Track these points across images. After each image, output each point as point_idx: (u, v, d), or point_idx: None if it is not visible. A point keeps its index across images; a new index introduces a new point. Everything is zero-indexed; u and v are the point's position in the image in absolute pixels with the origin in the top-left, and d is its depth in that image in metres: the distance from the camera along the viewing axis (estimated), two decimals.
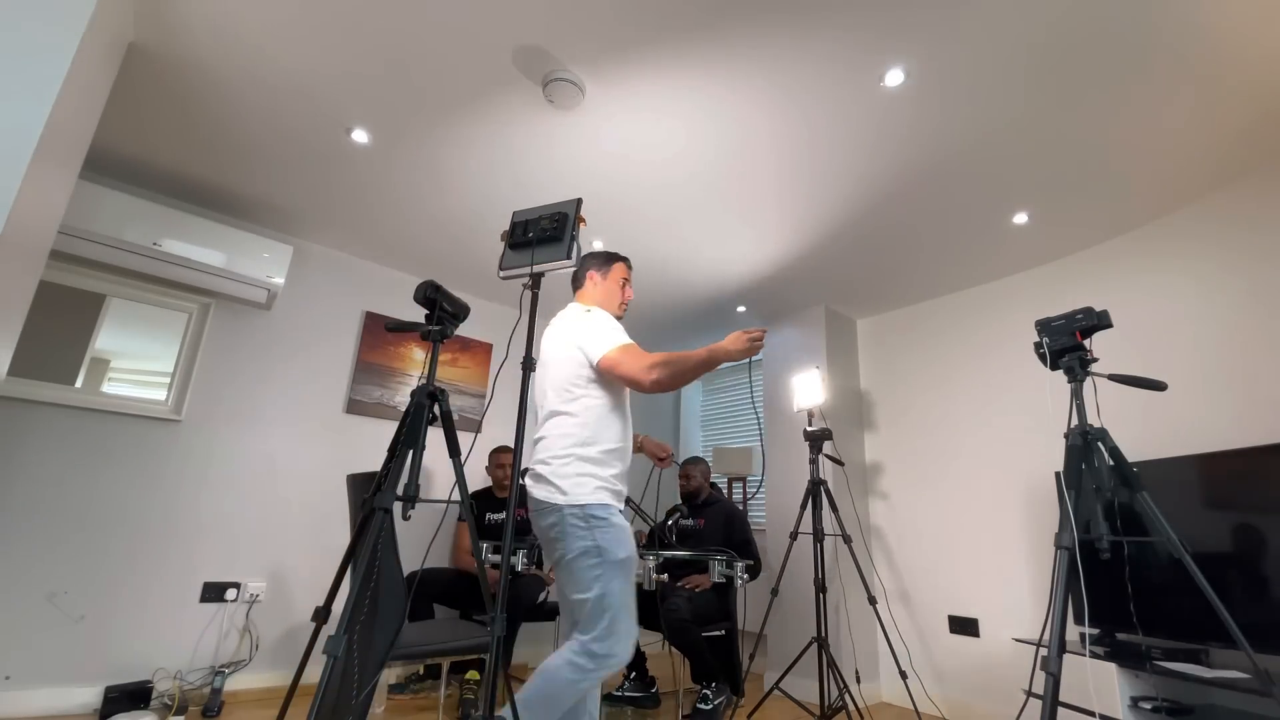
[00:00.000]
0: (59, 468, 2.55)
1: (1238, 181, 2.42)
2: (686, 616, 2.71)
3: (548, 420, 1.72)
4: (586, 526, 1.57)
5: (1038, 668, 1.53)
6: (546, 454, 1.66)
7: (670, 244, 3.16)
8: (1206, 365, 2.45)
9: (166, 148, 2.58)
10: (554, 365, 1.76)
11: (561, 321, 1.84)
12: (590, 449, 1.66)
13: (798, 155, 2.40)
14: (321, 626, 1.68)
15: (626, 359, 1.66)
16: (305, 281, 3.33)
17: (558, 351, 1.77)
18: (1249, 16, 1.71)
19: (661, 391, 1.76)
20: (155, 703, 2.53)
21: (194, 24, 1.92)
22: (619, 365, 1.66)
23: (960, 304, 3.49)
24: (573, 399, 1.70)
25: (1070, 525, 1.58)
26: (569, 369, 1.72)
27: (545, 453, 1.67)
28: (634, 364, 1.65)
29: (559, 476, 1.61)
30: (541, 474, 1.65)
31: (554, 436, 1.67)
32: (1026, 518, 2.93)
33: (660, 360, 1.64)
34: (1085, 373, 1.77)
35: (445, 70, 2.05)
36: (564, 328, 1.80)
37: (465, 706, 2.67)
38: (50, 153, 1.59)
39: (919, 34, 1.82)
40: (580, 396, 1.70)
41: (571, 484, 1.61)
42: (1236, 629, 1.43)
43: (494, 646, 1.48)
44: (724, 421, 4.89)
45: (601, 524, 1.59)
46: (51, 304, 2.66)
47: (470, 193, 2.79)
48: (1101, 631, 2.34)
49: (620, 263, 1.99)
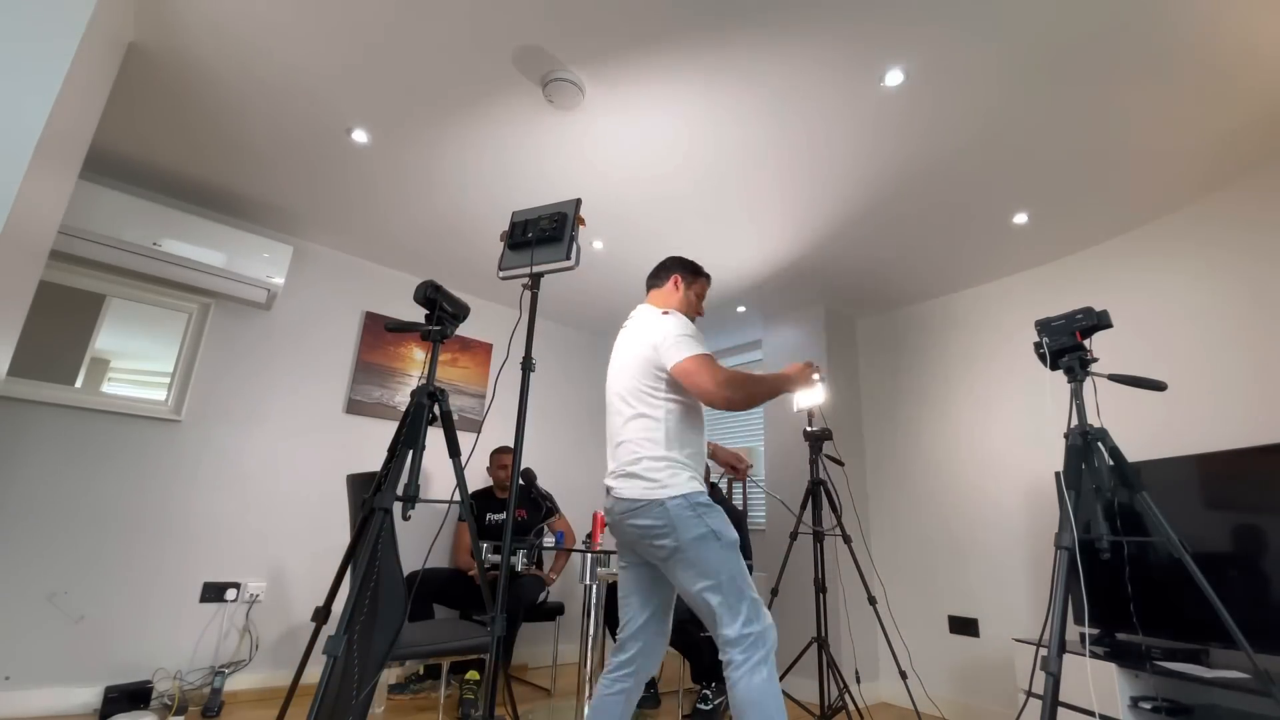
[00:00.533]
0: (59, 468, 2.55)
1: (1238, 181, 2.42)
2: (687, 617, 2.71)
3: (630, 423, 1.68)
4: (696, 514, 1.55)
5: (1038, 668, 1.53)
6: (633, 456, 1.63)
7: (670, 244, 3.16)
8: (1206, 365, 2.45)
9: (166, 148, 2.58)
10: (631, 367, 1.73)
11: (637, 323, 1.80)
12: (676, 451, 1.64)
13: (798, 155, 2.40)
14: (321, 626, 1.68)
15: (702, 371, 1.62)
16: (305, 281, 3.33)
17: (634, 352, 1.73)
18: (1249, 16, 1.70)
19: (732, 410, 1.75)
20: (155, 703, 2.53)
21: (194, 24, 1.92)
22: (692, 375, 1.63)
23: (960, 304, 3.49)
24: (655, 403, 1.67)
25: (1070, 525, 1.58)
26: (648, 370, 1.69)
27: (630, 455, 1.64)
28: (708, 378, 1.61)
29: (653, 472, 1.59)
30: (635, 473, 1.61)
31: (639, 440, 1.64)
32: (1026, 518, 2.93)
33: (735, 379, 1.62)
34: (1085, 373, 1.76)
35: (445, 70, 2.05)
36: (640, 329, 1.76)
37: (465, 706, 2.67)
38: (50, 153, 1.59)
39: (918, 34, 1.82)
40: (662, 401, 1.67)
41: (667, 476, 1.58)
42: (1236, 629, 1.43)
43: (494, 646, 1.48)
44: (724, 421, 4.89)
45: (709, 509, 1.57)
46: (51, 304, 2.66)
47: (470, 193, 2.79)
48: (1101, 631, 2.34)
49: (705, 279, 1.99)
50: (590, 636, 2.31)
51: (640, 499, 1.58)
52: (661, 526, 1.55)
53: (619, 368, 1.78)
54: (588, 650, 2.31)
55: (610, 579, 2.53)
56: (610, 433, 1.77)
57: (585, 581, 2.32)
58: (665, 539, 1.54)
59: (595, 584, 2.33)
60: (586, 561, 2.32)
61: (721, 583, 1.51)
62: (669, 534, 1.54)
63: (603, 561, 2.34)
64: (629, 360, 1.74)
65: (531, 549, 2.83)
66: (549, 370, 4.35)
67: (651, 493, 1.56)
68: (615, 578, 2.47)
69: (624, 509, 1.61)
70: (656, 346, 1.68)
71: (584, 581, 2.33)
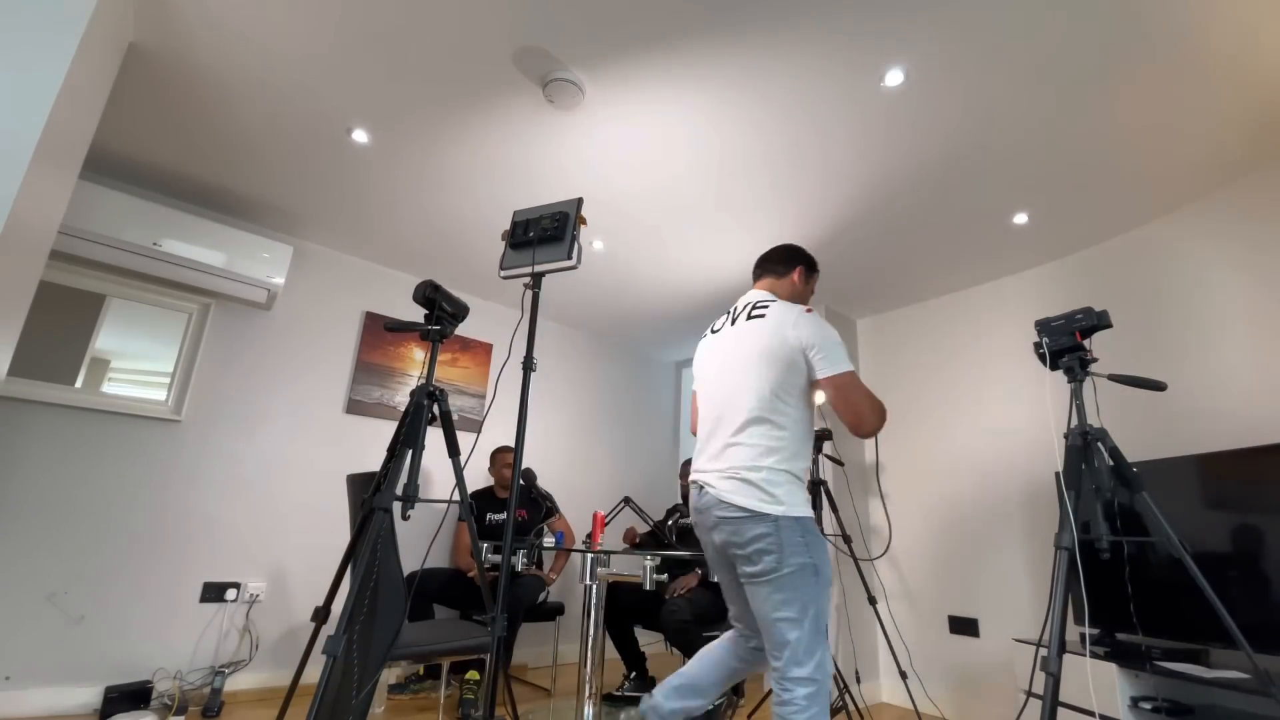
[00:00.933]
0: (59, 468, 2.55)
1: (1238, 181, 2.42)
2: (687, 617, 2.71)
3: (751, 426, 1.53)
4: (804, 542, 1.44)
5: (1038, 668, 1.53)
6: (749, 462, 1.50)
7: (670, 243, 3.16)
8: (1207, 365, 2.45)
9: (166, 148, 2.58)
10: (758, 363, 1.55)
11: (770, 313, 1.60)
12: (796, 465, 1.52)
13: (798, 155, 2.40)
14: (321, 626, 1.68)
15: (857, 389, 1.51)
16: (305, 281, 3.33)
17: (765, 346, 1.56)
18: (1250, 14, 1.70)
19: (861, 438, 1.64)
20: (155, 703, 2.53)
21: (194, 23, 1.92)
22: (846, 392, 1.51)
23: (960, 304, 3.49)
24: (785, 410, 1.53)
25: (1070, 525, 1.58)
26: (783, 373, 1.53)
27: (746, 460, 1.50)
28: (864, 398, 1.51)
29: (772, 484, 1.47)
30: (751, 480, 1.48)
31: (760, 446, 1.50)
32: (1026, 518, 2.93)
33: (883, 408, 1.54)
34: (1085, 373, 1.77)
35: (445, 70, 2.05)
36: (776, 323, 1.57)
37: (465, 706, 2.67)
38: (50, 153, 1.59)
39: (919, 34, 1.82)
40: (790, 407, 1.53)
41: (785, 493, 1.46)
42: (1236, 629, 1.43)
43: (494, 646, 1.48)
44: None
45: (816, 540, 1.47)
46: (51, 304, 2.66)
47: (470, 192, 2.79)
48: (1101, 631, 2.34)
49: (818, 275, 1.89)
50: (590, 636, 2.31)
51: (750, 509, 1.46)
52: (766, 543, 1.44)
53: (738, 359, 1.60)
54: (588, 650, 2.30)
55: (610, 579, 2.53)
56: (710, 427, 1.62)
57: (585, 581, 2.32)
58: (765, 557, 1.44)
59: (595, 584, 2.33)
60: (586, 561, 2.32)
61: (806, 620, 1.42)
62: (770, 554, 1.43)
63: (603, 561, 2.34)
64: (755, 354, 1.57)
65: (531, 549, 2.83)
66: (549, 370, 4.35)
67: (767, 507, 1.45)
68: (615, 578, 2.47)
69: (725, 513, 1.50)
70: (805, 350, 1.53)
71: (584, 581, 2.33)
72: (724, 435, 1.57)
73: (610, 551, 2.39)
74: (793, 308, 1.61)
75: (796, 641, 1.41)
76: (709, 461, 1.59)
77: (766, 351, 1.55)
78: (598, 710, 2.29)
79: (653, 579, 2.24)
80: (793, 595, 1.43)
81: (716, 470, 1.55)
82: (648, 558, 2.23)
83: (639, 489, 4.68)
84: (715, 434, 1.61)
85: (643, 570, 2.21)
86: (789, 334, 1.55)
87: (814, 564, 1.44)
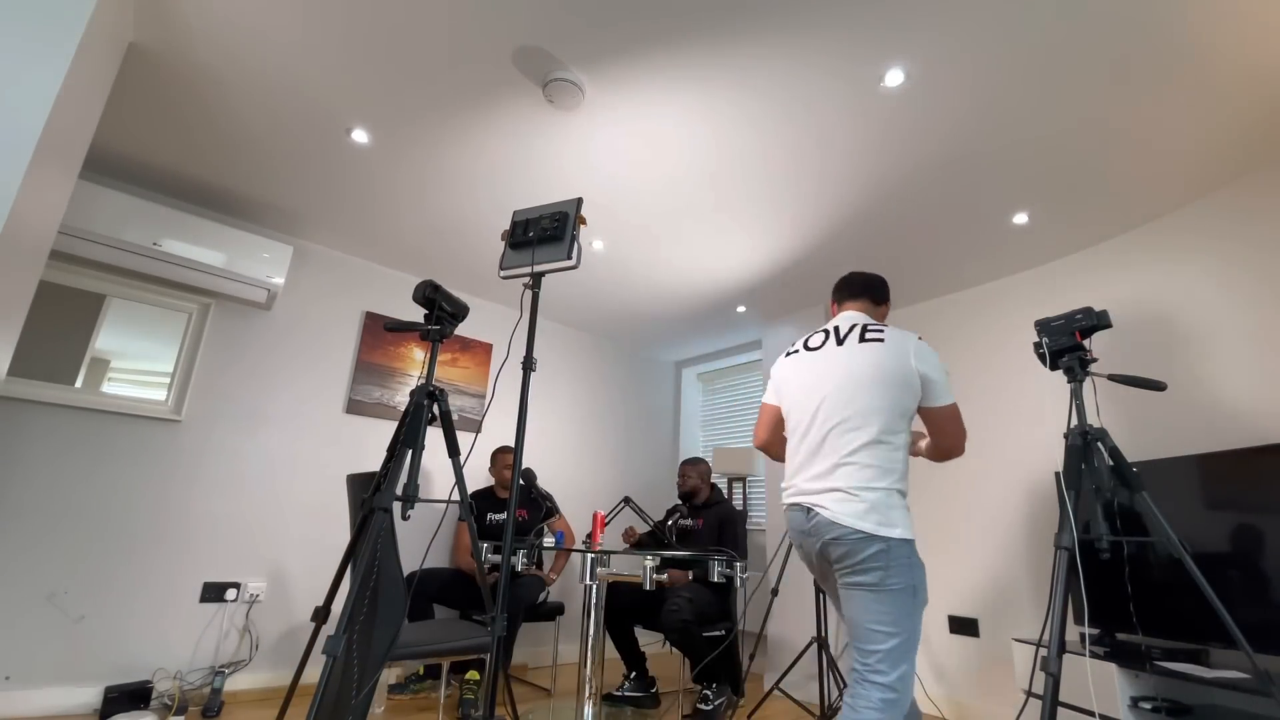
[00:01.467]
0: (58, 468, 2.55)
1: (1239, 180, 2.42)
2: (688, 617, 2.71)
3: (868, 447, 1.55)
4: (910, 565, 1.50)
5: (1038, 668, 1.53)
6: (864, 482, 1.53)
7: (670, 243, 3.16)
8: (1207, 365, 2.45)
9: (166, 148, 2.58)
10: (877, 383, 1.59)
11: (888, 337, 1.65)
12: (904, 485, 1.58)
13: (798, 155, 2.40)
14: (321, 626, 1.68)
15: (959, 419, 1.65)
16: (305, 281, 3.33)
17: (886, 368, 1.60)
18: (1249, 14, 1.70)
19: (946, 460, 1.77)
20: (155, 703, 2.53)
21: (194, 24, 1.92)
22: (954, 422, 1.64)
23: (960, 304, 3.49)
24: (898, 432, 1.57)
25: (1070, 525, 1.58)
26: (900, 397, 1.58)
27: (859, 480, 1.53)
28: (962, 428, 1.66)
29: (890, 507, 1.51)
30: (866, 500, 1.51)
31: (874, 467, 1.54)
32: (1026, 518, 2.93)
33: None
34: (1085, 373, 1.77)
35: (445, 70, 2.05)
36: (900, 349, 1.62)
37: (465, 706, 2.67)
38: (50, 153, 1.59)
39: (919, 34, 1.82)
40: (902, 431, 1.58)
41: (899, 516, 1.52)
42: (1236, 629, 1.43)
43: (494, 646, 1.48)
44: (724, 421, 4.89)
45: (919, 563, 1.53)
46: (51, 304, 2.66)
47: (470, 193, 2.79)
48: (1101, 631, 2.34)
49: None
50: (590, 636, 2.31)
51: (862, 530, 1.49)
52: (876, 561, 1.48)
53: (854, 379, 1.62)
54: (588, 650, 2.31)
55: (610, 579, 2.53)
56: (813, 444, 1.63)
57: (585, 581, 2.32)
58: (873, 571, 1.49)
59: (595, 584, 2.33)
60: (586, 561, 2.32)
61: (900, 636, 1.47)
62: (879, 570, 1.48)
63: (603, 561, 2.34)
64: (879, 376, 1.59)
65: (531, 549, 2.83)
66: (549, 370, 4.35)
67: (882, 529, 1.48)
68: (615, 578, 2.47)
69: (836, 533, 1.52)
70: (924, 377, 1.59)
71: (584, 581, 2.33)
72: (835, 454, 1.58)
73: (610, 551, 2.39)
74: (909, 335, 1.66)
75: (886, 652, 1.46)
76: (815, 481, 1.60)
77: (889, 375, 1.59)
78: (598, 710, 2.29)
79: (653, 579, 2.24)
80: (892, 609, 1.48)
81: (828, 490, 1.56)
82: (648, 558, 2.23)
83: (639, 489, 4.68)
84: (822, 452, 1.61)
85: (643, 570, 2.21)
86: (911, 361, 1.60)
87: (915, 585, 1.50)
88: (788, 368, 1.84)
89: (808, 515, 1.59)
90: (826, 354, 1.71)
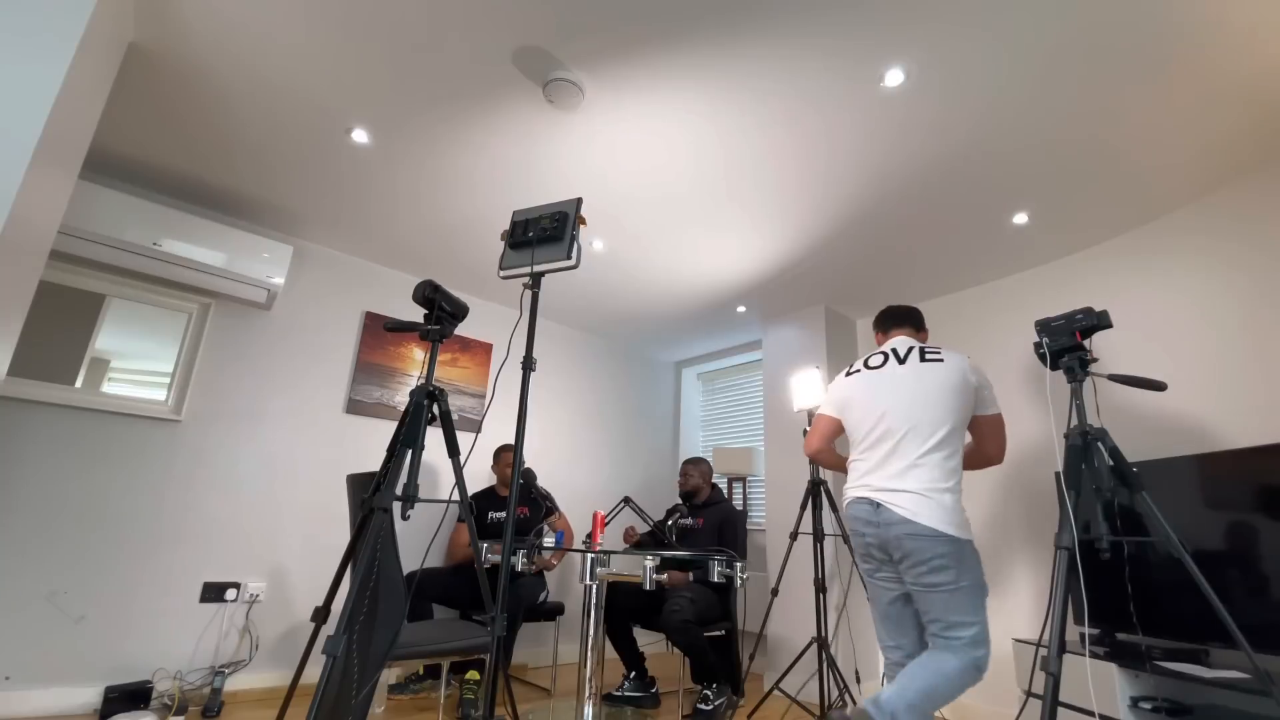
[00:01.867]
0: (58, 468, 2.55)
1: (1239, 180, 2.42)
2: (689, 617, 2.71)
3: (935, 452, 1.77)
4: (974, 562, 1.73)
5: (1038, 668, 1.53)
6: (936, 483, 1.74)
7: (670, 244, 3.16)
8: (1207, 365, 2.45)
9: (166, 148, 2.58)
10: (941, 396, 1.82)
11: (947, 357, 1.90)
12: (961, 486, 1.78)
13: (798, 155, 2.40)
14: (321, 626, 1.68)
15: (1004, 429, 1.90)
16: (305, 281, 3.33)
17: (949, 382, 1.84)
18: (1249, 15, 1.70)
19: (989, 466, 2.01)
20: (155, 703, 2.53)
21: (194, 24, 1.92)
22: (1000, 431, 1.88)
23: (960, 304, 3.49)
24: (958, 440, 1.80)
25: (1070, 525, 1.58)
26: (963, 408, 1.82)
27: (930, 483, 1.74)
28: (1006, 437, 1.91)
29: (957, 510, 1.73)
30: (939, 502, 1.71)
31: (942, 470, 1.75)
32: (1026, 518, 2.93)
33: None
34: (1085, 373, 1.77)
35: (445, 70, 2.05)
36: (960, 366, 1.87)
37: (465, 706, 2.67)
38: (50, 153, 1.59)
39: (919, 34, 1.82)
40: (961, 439, 1.82)
41: (964, 519, 1.73)
42: (1236, 629, 1.43)
43: (494, 646, 1.48)
44: (724, 421, 4.89)
45: (979, 561, 1.75)
46: (51, 304, 2.66)
47: (470, 193, 2.79)
48: (1101, 631, 2.34)
49: None
50: (590, 636, 2.31)
51: (936, 530, 1.68)
52: (948, 560, 1.68)
53: (922, 392, 1.84)
54: (588, 650, 2.30)
55: (610, 579, 2.53)
56: (886, 449, 1.84)
57: (585, 581, 2.32)
58: (945, 571, 1.69)
59: (595, 584, 2.33)
60: (586, 561, 2.32)
61: (979, 624, 1.71)
62: (950, 569, 1.69)
63: (603, 561, 2.34)
64: (946, 389, 1.83)
65: (531, 549, 2.83)
66: (549, 370, 4.35)
67: (953, 530, 1.69)
68: (615, 578, 2.47)
69: (910, 530, 1.71)
70: (979, 390, 1.85)
71: (584, 581, 2.33)
72: (908, 457, 1.79)
73: (610, 551, 2.39)
74: (961, 354, 1.92)
75: (970, 635, 1.71)
76: (890, 480, 1.80)
77: (954, 387, 1.83)
78: (597, 710, 2.29)
79: (653, 579, 2.24)
80: (966, 603, 1.71)
81: (901, 489, 1.77)
82: (648, 558, 2.23)
83: (639, 489, 4.69)
84: (895, 455, 1.82)
85: (643, 570, 2.21)
86: (970, 376, 1.86)
87: (980, 584, 1.74)
88: (851, 385, 2.04)
89: (876, 509, 1.80)
90: (891, 372, 1.94)
